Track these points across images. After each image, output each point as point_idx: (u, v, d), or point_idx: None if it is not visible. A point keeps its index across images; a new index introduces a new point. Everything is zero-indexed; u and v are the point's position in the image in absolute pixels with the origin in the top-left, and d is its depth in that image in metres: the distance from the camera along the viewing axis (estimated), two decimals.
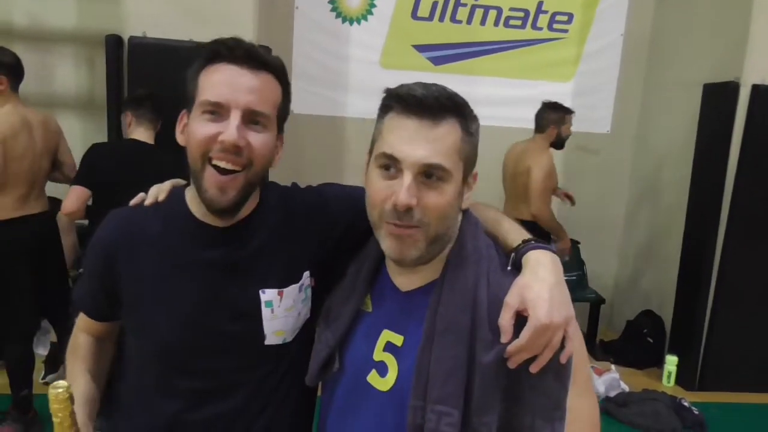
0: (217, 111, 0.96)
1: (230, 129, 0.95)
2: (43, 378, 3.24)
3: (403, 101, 0.88)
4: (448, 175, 0.88)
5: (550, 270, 0.89)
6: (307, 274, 1.09)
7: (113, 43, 3.18)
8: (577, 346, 0.88)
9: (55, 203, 2.95)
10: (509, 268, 0.93)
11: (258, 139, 0.98)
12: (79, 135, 3.86)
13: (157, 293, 1.03)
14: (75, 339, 1.17)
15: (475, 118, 0.93)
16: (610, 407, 3.37)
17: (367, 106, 4.19)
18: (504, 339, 0.84)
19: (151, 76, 3.05)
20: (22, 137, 2.67)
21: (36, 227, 2.76)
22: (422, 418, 0.85)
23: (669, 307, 4.04)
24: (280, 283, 1.05)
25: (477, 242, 0.94)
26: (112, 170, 2.58)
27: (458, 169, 0.90)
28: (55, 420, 0.98)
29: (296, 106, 4.21)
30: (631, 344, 4.18)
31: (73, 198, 2.55)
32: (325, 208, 1.12)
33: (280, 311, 1.05)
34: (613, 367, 3.73)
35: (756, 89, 3.57)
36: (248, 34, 3.33)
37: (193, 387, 1.05)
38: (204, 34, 1.16)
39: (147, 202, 1.09)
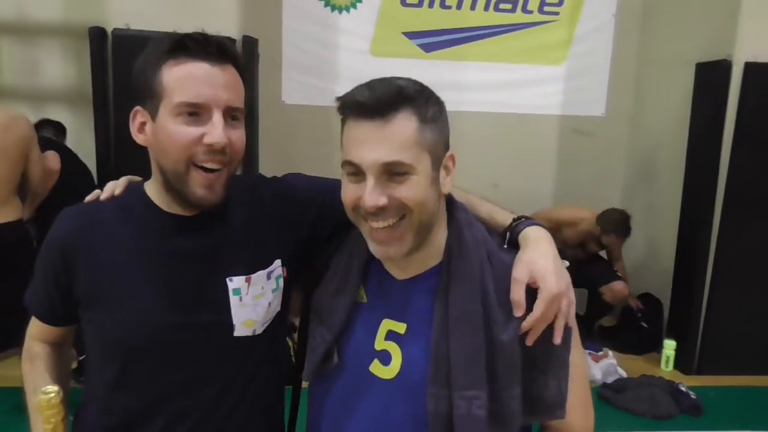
0: (197, 112, 0.94)
1: (217, 131, 0.93)
2: None
3: (350, 107, 0.89)
4: (410, 168, 0.87)
5: (549, 243, 0.95)
6: (278, 262, 1.07)
7: (97, 35, 3.14)
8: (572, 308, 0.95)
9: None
10: (506, 246, 0.98)
11: (236, 135, 0.98)
12: (69, 129, 3.83)
13: (120, 286, 1.00)
14: (30, 349, 1.12)
15: (434, 102, 0.91)
16: (607, 394, 3.34)
17: None
18: (518, 313, 0.89)
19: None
20: None
21: None
22: (447, 405, 0.88)
23: (667, 291, 4.02)
24: (248, 270, 1.03)
25: (473, 229, 0.95)
26: None
27: (422, 159, 0.88)
28: (46, 427, 0.96)
29: (286, 96, 4.24)
30: (628, 329, 4.16)
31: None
32: (293, 197, 1.11)
33: (249, 299, 1.03)
34: (610, 353, 3.71)
35: (748, 67, 3.52)
36: (234, 24, 3.30)
37: (158, 382, 1.02)
38: (188, 24, 1.14)
39: (103, 197, 1.06)
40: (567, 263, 3.27)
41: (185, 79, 0.93)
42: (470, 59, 4.30)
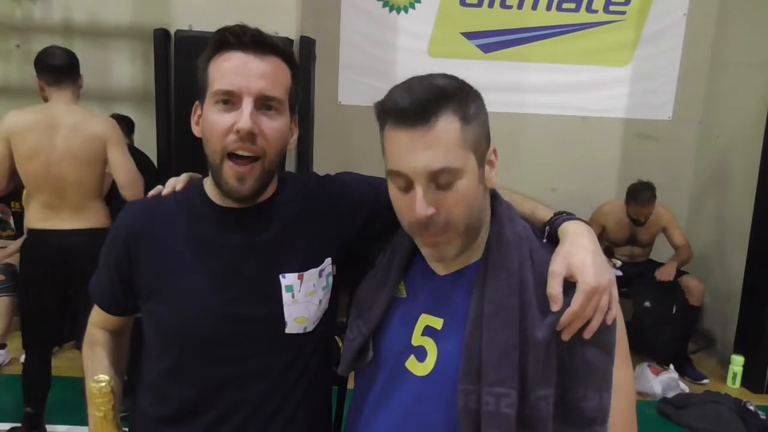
0: (230, 100, 0.96)
1: (244, 117, 0.95)
2: None
3: (391, 113, 0.87)
4: (458, 172, 0.86)
5: (588, 238, 0.92)
6: (329, 260, 1.08)
7: (161, 37, 3.23)
8: (619, 316, 0.90)
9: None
10: (545, 240, 0.96)
11: (271, 126, 0.98)
12: (135, 127, 3.97)
13: (178, 278, 1.03)
14: (91, 335, 1.17)
15: (474, 98, 0.89)
16: (668, 409, 3.20)
17: None
18: (555, 307, 0.86)
19: (196, 68, 3.08)
20: (31, 136, 2.43)
21: (63, 245, 2.49)
22: (476, 402, 0.86)
23: (735, 303, 3.82)
24: (300, 267, 1.05)
25: (515, 226, 0.94)
26: None
27: (468, 160, 0.87)
28: (97, 414, 0.99)
29: (343, 97, 4.25)
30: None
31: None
32: (345, 195, 1.12)
33: (301, 296, 1.04)
34: (671, 366, 3.56)
35: None
36: (293, 25, 3.33)
37: (211, 374, 1.04)
38: (249, 25, 1.16)
39: (164, 192, 1.11)
40: (619, 263, 3.18)
41: (222, 69, 0.97)
42: (531, 60, 4.20)
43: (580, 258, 0.88)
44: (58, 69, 2.52)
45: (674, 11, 4.21)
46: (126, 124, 3.69)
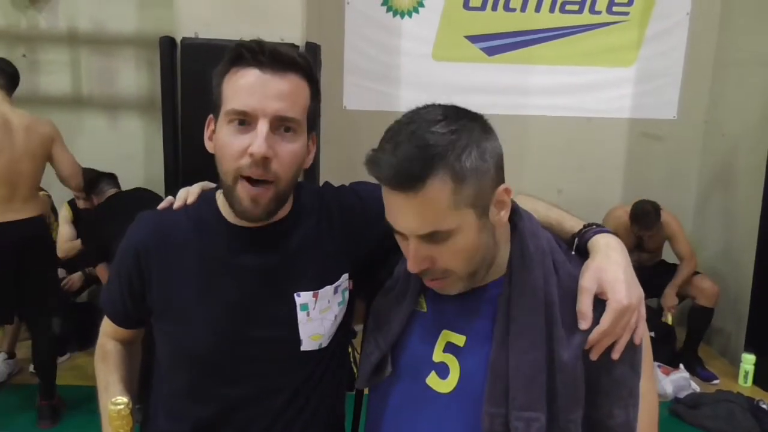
0: (245, 120, 0.92)
1: (258, 141, 0.90)
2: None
3: (378, 179, 0.83)
4: (451, 232, 0.82)
5: (620, 252, 0.89)
6: (345, 276, 1.06)
7: (167, 44, 3.24)
8: (644, 331, 0.89)
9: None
10: (573, 252, 0.93)
11: (287, 149, 0.94)
12: (141, 136, 4.01)
13: (190, 298, 1.01)
14: (103, 346, 1.16)
15: (473, 147, 0.81)
16: (680, 409, 3.18)
17: (420, 99, 4.21)
18: (584, 325, 0.84)
19: (202, 76, 3.05)
20: None
21: (18, 234, 2.74)
22: (503, 425, 0.84)
23: (745, 302, 3.79)
24: (315, 285, 1.02)
25: (537, 240, 0.90)
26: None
27: (464, 217, 0.82)
28: None
29: (348, 102, 4.27)
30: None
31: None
32: (363, 210, 1.08)
33: (316, 314, 1.02)
34: (682, 366, 3.54)
35: None
36: (297, 30, 3.34)
37: (226, 393, 1.03)
38: (253, 32, 1.16)
39: (175, 206, 1.06)
40: None
41: (236, 87, 0.93)
42: (535, 62, 4.20)
43: (612, 274, 0.85)
44: (13, 76, 2.85)
45: (677, 11, 4.21)
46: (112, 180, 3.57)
